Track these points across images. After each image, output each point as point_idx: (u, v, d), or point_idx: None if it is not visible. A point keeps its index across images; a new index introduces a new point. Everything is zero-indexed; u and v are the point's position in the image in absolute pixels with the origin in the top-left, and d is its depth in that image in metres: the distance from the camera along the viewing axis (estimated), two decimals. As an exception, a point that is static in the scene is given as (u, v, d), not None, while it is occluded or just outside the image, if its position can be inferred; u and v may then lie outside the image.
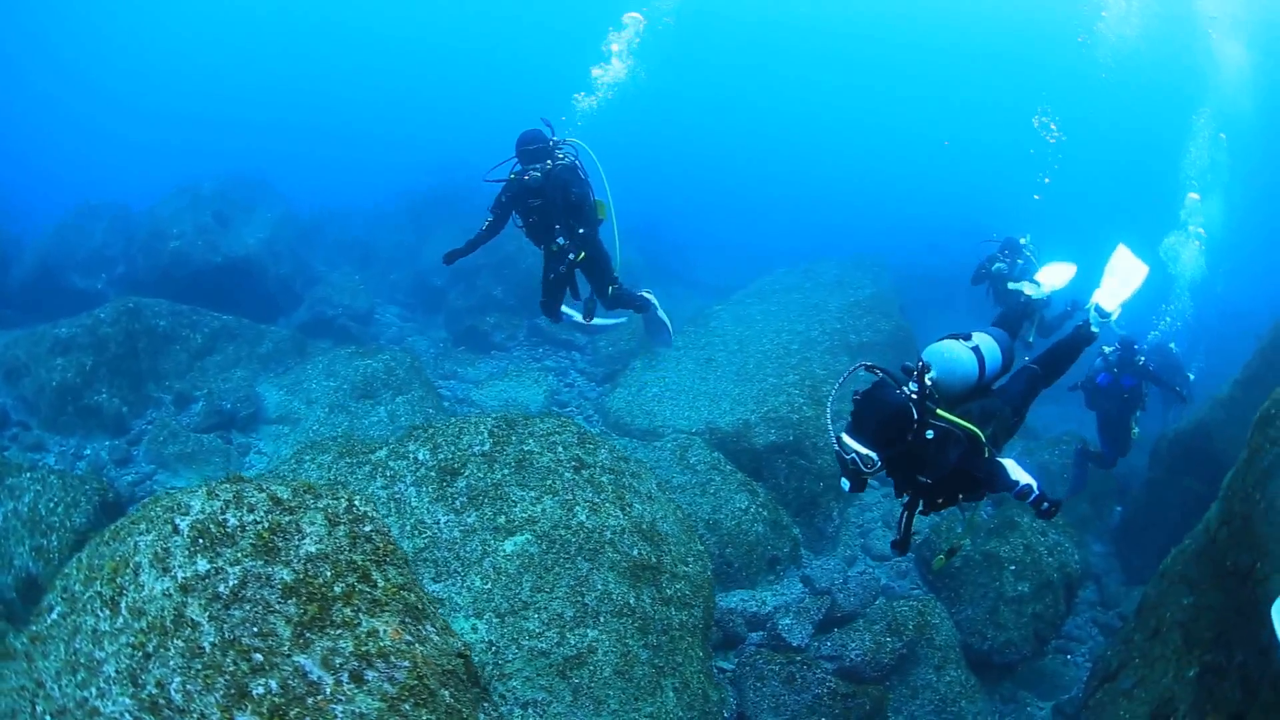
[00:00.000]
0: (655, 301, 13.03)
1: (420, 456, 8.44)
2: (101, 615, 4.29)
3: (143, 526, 4.55)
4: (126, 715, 3.88)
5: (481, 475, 8.13)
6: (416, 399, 13.62)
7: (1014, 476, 5.69)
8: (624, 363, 16.40)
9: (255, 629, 3.87)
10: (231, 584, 4.10)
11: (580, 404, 15.48)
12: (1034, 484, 5.75)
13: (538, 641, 6.94)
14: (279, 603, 3.96)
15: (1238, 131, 23.53)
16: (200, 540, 4.35)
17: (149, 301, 14.34)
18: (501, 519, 7.73)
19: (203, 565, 4.23)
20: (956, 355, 5.97)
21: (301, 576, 4.09)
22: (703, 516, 10.58)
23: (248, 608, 3.95)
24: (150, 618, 4.14)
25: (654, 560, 7.89)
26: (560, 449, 8.54)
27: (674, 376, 14.97)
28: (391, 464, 8.48)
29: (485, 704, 4.63)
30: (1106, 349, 12.60)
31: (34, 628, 4.60)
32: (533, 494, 7.99)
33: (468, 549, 7.54)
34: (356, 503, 4.66)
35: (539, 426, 8.84)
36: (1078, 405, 13.45)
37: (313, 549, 4.24)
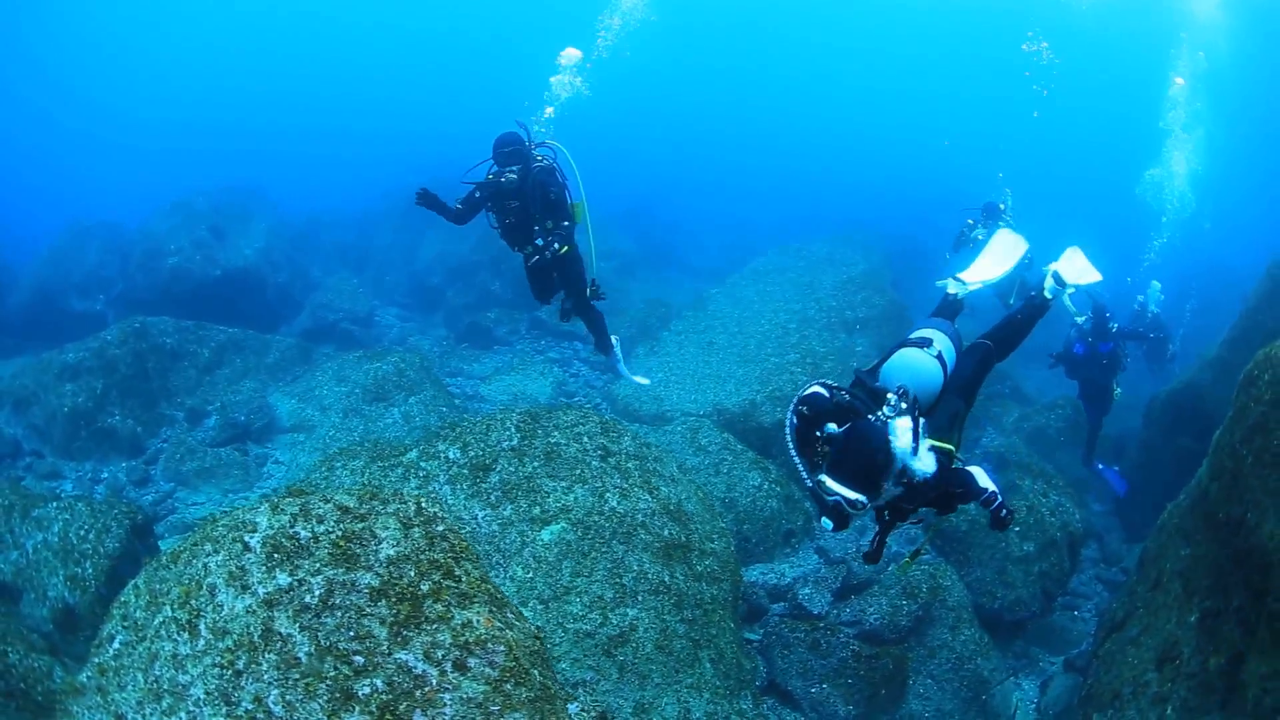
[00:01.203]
0: (618, 353, 12.39)
1: (451, 455, 8.83)
2: (180, 639, 4.47)
3: (208, 548, 4.77)
4: (222, 736, 4.08)
5: (513, 469, 8.53)
6: (429, 398, 13.89)
7: (983, 484, 5.60)
8: (627, 350, 16.66)
9: (351, 633, 4.20)
10: (318, 594, 4.39)
11: (588, 393, 15.86)
12: (998, 492, 5.64)
13: (582, 624, 7.37)
14: (369, 606, 4.31)
15: (1216, 75, 24.04)
16: (275, 555, 4.61)
17: (154, 320, 14.47)
18: (536, 510, 8.14)
19: (283, 579, 4.49)
20: (927, 369, 5.88)
21: (386, 579, 4.45)
22: (719, 495, 10.98)
23: (339, 614, 4.28)
24: (236, 636, 4.35)
25: (683, 539, 8.33)
26: (585, 439, 8.96)
27: (678, 361, 15.38)
28: (423, 464, 8.85)
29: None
30: (1080, 319, 12.93)
31: (97, 660, 4.75)
32: (564, 484, 8.40)
33: (507, 541, 7.96)
34: (424, 504, 5.04)
35: (562, 419, 9.24)
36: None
37: (391, 552, 4.61)
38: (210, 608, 4.52)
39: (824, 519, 5.06)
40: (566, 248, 10.21)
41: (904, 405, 5.16)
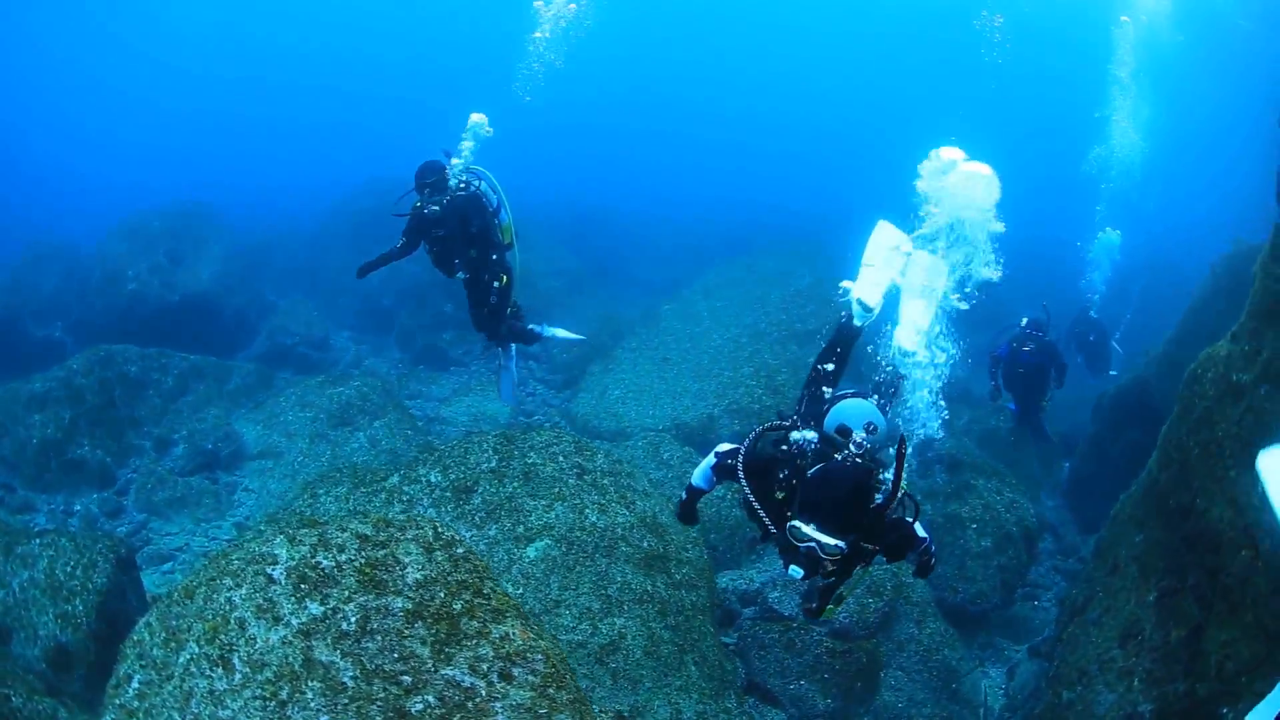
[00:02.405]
0: (547, 334, 12.30)
1: (432, 479, 9.08)
2: (215, 675, 4.54)
3: (228, 582, 4.89)
4: (274, 767, 4.17)
5: (494, 490, 8.81)
6: (393, 422, 13.97)
7: (922, 533, 5.53)
8: (581, 368, 16.98)
9: (394, 655, 4.43)
10: (354, 620, 4.59)
11: (546, 412, 16.10)
12: (930, 540, 5.64)
13: (574, 635, 7.66)
14: (407, 628, 4.54)
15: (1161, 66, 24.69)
16: (302, 586, 4.78)
17: (119, 348, 14.34)
18: (520, 529, 8.42)
19: (315, 608, 4.66)
20: (874, 409, 5.83)
21: (418, 602, 4.68)
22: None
23: (380, 639, 4.50)
24: (274, 667, 4.48)
25: (661, 550, 8.65)
26: (561, 458, 9.26)
27: (633, 378, 15.68)
28: (406, 489, 9.10)
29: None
30: (1023, 320, 13.32)
31: (118, 701, 4.78)
32: (544, 502, 8.70)
33: (495, 560, 8.22)
34: (440, 529, 5.31)
35: (537, 439, 9.54)
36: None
37: (419, 575, 4.85)
38: (243, 641, 4.63)
39: (791, 567, 4.88)
40: (505, 278, 10.47)
41: (874, 445, 5.07)
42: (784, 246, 21.08)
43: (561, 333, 12.15)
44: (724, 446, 6.03)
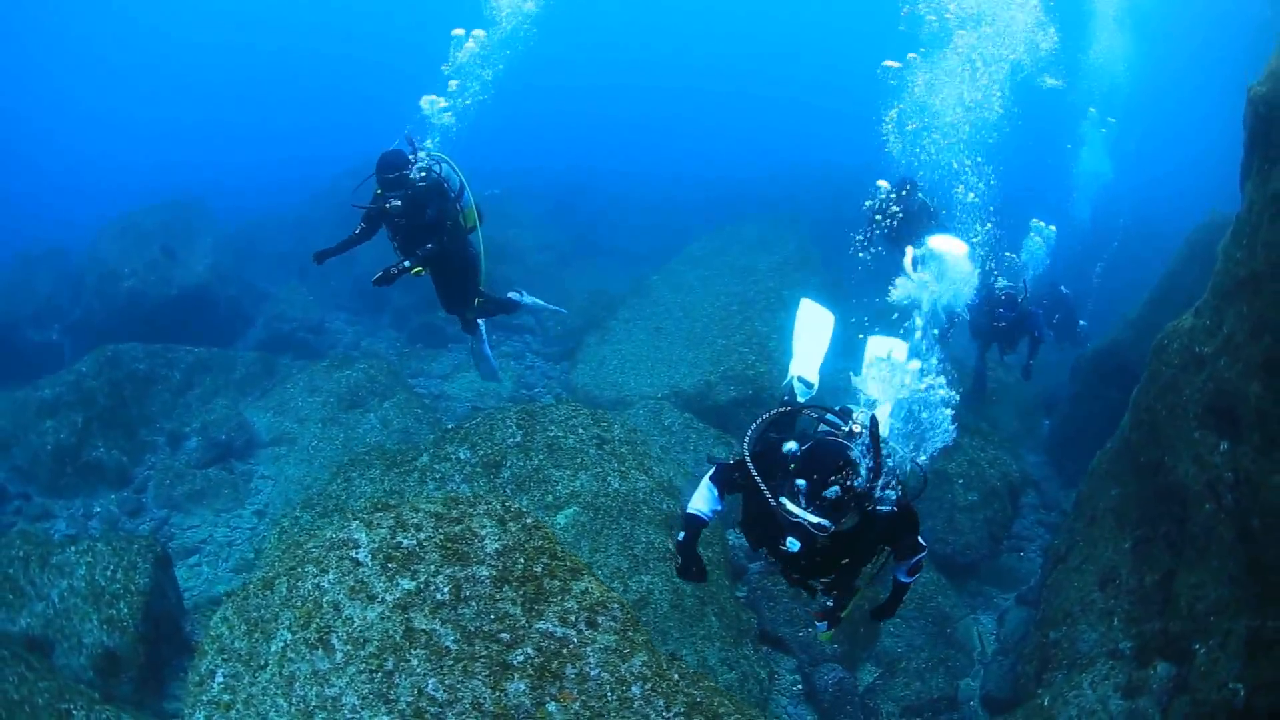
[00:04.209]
0: (526, 301, 12.24)
1: (462, 456, 9.74)
2: (316, 656, 5.02)
3: (312, 570, 5.43)
4: (390, 730, 4.71)
5: (521, 463, 9.50)
6: (402, 402, 14.29)
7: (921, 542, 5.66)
8: (576, 339, 17.56)
9: (490, 616, 5.10)
10: (446, 591, 5.23)
11: (546, 384, 16.67)
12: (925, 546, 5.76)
13: (606, 593, 8.40)
14: (497, 592, 5.22)
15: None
16: (389, 565, 5.35)
17: (125, 347, 14.45)
18: (549, 498, 9.11)
19: (407, 584, 5.26)
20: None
21: (502, 569, 5.37)
22: (689, 470, 12.01)
23: (475, 604, 5.15)
24: (376, 642, 4.99)
25: (678, 511, 9.39)
26: (580, 430, 9.95)
27: (629, 348, 16.25)
28: (437, 467, 9.72)
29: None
30: (1001, 282, 13.29)
31: (204, 697, 5.12)
32: (568, 472, 9.39)
33: (529, 527, 8.92)
34: (505, 503, 6.01)
35: (556, 413, 10.22)
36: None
37: (497, 545, 5.54)
38: (339, 622, 5.15)
39: (789, 540, 4.92)
40: (418, 269, 10.13)
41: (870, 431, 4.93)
42: (764, 213, 21.69)
43: (542, 303, 12.26)
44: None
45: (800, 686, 9.47)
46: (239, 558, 11.43)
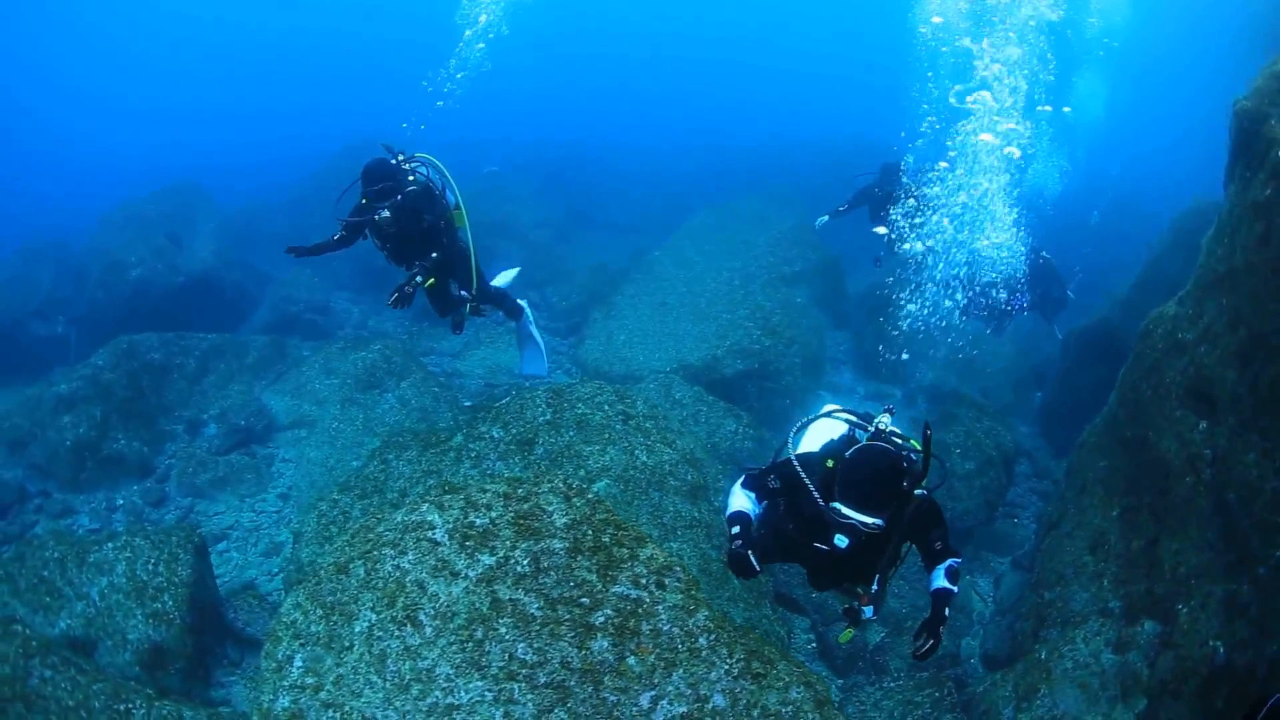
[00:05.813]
0: (529, 314, 12.90)
1: (495, 434, 10.36)
2: (405, 633, 5.48)
3: (389, 553, 5.95)
4: (487, 693, 5.22)
5: (553, 440, 10.15)
6: (419, 381, 14.59)
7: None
8: (583, 315, 18.12)
9: (570, 584, 5.78)
10: (525, 563, 5.87)
11: (556, 359, 17.12)
12: None
13: (639, 560, 9.13)
14: (572, 562, 5.91)
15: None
16: (467, 543, 5.93)
17: (140, 337, 14.47)
18: (582, 472, 9.76)
19: (487, 560, 5.86)
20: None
21: (573, 541, 6.07)
22: (703, 440, 12.68)
23: (554, 574, 5.82)
24: (464, 615, 5.51)
25: (702, 481, 10.12)
26: (606, 406, 10.62)
27: (635, 323, 16.72)
28: (472, 446, 10.34)
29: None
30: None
31: (285, 683, 5.43)
32: (598, 447, 10.04)
33: (565, 500, 9.61)
34: (566, 479, 6.71)
35: (582, 391, 10.87)
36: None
37: (565, 520, 6.24)
38: (426, 599, 5.64)
39: (837, 537, 5.30)
40: (431, 280, 10.57)
41: (924, 435, 5.36)
42: (761, 188, 22.18)
43: (506, 276, 12.65)
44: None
45: (814, 644, 10.22)
46: (268, 542, 11.70)
